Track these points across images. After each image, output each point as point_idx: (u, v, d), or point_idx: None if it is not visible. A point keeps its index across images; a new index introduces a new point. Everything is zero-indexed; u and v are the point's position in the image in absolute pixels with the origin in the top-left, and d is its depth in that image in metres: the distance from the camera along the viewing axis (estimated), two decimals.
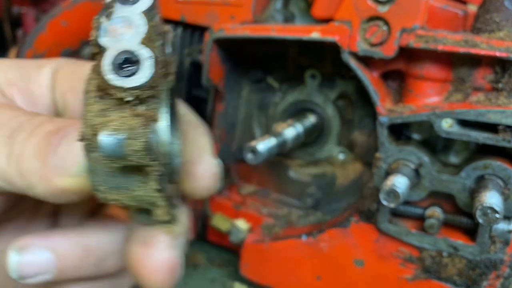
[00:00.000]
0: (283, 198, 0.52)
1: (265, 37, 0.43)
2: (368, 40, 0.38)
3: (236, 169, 0.54)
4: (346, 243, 0.42)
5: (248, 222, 0.49)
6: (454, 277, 0.39)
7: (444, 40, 0.35)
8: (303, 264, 0.44)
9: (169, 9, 0.52)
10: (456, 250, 0.37)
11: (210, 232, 0.54)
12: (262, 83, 0.51)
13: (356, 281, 0.42)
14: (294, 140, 0.44)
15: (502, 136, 0.34)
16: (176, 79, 0.25)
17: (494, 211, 0.32)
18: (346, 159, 0.48)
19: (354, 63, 0.39)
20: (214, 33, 0.45)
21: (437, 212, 0.38)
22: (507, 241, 0.36)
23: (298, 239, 0.44)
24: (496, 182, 0.35)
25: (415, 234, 0.38)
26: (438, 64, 0.37)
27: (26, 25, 1.11)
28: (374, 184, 0.39)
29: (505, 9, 0.36)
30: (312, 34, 0.40)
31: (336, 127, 0.48)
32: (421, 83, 0.38)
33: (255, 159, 0.40)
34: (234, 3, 0.47)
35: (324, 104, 0.48)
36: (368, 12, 0.38)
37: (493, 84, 0.36)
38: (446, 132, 0.36)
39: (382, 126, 0.38)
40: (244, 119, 0.53)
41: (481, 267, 0.37)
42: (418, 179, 0.38)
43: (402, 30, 0.36)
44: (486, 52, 0.34)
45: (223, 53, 0.47)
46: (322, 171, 0.50)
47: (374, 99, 0.39)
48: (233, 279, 0.49)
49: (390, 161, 0.38)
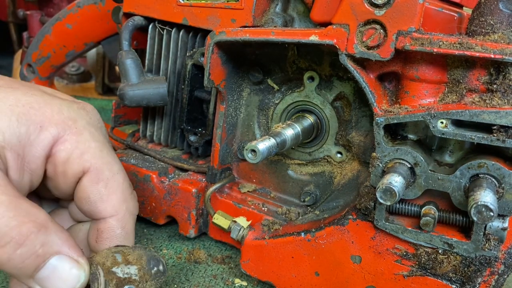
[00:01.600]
0: (283, 196, 0.53)
1: (265, 40, 0.43)
2: (365, 43, 0.39)
3: (237, 168, 0.55)
4: (344, 240, 0.43)
5: (248, 219, 0.50)
6: (449, 274, 0.39)
7: (439, 42, 0.35)
8: (302, 261, 0.45)
9: (171, 12, 0.53)
10: (451, 247, 0.38)
11: (211, 229, 0.54)
12: (262, 84, 0.52)
13: (353, 277, 0.43)
14: (293, 140, 0.45)
15: (496, 136, 0.34)
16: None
17: (489, 209, 0.32)
18: (344, 158, 0.49)
19: (352, 65, 0.40)
20: (215, 36, 0.46)
21: (433, 210, 0.38)
22: (502, 239, 0.37)
23: (297, 236, 0.45)
24: (491, 181, 0.35)
25: (411, 232, 0.39)
26: (433, 66, 0.38)
27: (32, 28, 1.13)
28: (371, 183, 0.40)
29: (500, 11, 0.36)
30: (310, 37, 0.41)
31: (334, 127, 0.49)
32: (416, 85, 0.39)
33: (255, 158, 0.41)
34: (235, 7, 0.48)
35: (322, 105, 0.49)
36: (365, 15, 0.38)
37: (488, 85, 0.36)
38: (441, 132, 0.36)
39: (378, 126, 0.39)
40: (245, 119, 0.54)
41: (476, 264, 0.38)
42: (413, 178, 0.38)
43: (398, 33, 0.37)
44: (480, 54, 0.34)
45: (224, 56, 0.48)
46: (320, 170, 0.51)
47: (371, 100, 0.39)
48: (234, 275, 0.50)
49: (386, 161, 0.39)
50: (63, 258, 0.30)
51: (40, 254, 0.29)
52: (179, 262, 0.52)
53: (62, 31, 0.72)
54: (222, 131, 0.51)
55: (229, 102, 0.51)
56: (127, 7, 0.56)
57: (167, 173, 0.56)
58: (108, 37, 0.70)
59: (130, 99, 0.53)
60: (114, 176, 0.35)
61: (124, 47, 0.55)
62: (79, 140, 0.34)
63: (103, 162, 0.35)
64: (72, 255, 0.30)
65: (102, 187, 0.34)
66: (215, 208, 0.52)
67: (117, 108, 0.64)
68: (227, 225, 0.49)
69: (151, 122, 0.61)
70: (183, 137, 0.59)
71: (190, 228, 0.54)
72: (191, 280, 0.48)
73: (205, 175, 0.54)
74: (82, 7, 0.69)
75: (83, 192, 0.34)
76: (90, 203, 0.35)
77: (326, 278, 0.44)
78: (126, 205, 0.36)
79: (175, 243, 0.55)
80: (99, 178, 0.34)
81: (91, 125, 0.35)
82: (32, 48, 0.76)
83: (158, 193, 0.54)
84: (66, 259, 0.30)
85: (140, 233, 0.56)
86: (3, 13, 1.25)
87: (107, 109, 1.06)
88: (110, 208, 0.35)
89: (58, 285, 0.30)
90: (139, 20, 0.56)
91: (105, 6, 0.66)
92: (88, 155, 0.34)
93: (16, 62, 1.18)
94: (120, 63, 0.54)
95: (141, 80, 0.54)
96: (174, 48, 0.56)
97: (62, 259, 0.30)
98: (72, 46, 0.74)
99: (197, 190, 0.53)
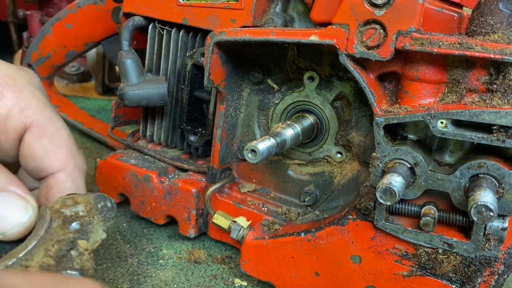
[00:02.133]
0: (283, 196, 0.53)
1: (265, 40, 0.43)
2: (365, 43, 0.39)
3: (237, 168, 0.55)
4: (344, 240, 0.43)
5: (248, 219, 0.50)
6: (449, 274, 0.39)
7: (439, 42, 0.35)
8: (302, 261, 0.45)
9: (171, 12, 0.53)
10: (451, 247, 0.38)
11: (211, 229, 0.54)
12: (262, 84, 0.52)
13: (353, 277, 0.43)
14: (293, 140, 0.45)
15: (496, 136, 0.34)
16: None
17: (489, 209, 0.32)
18: (344, 158, 0.49)
19: (351, 65, 0.40)
20: (215, 36, 0.46)
21: (433, 210, 0.38)
22: (502, 239, 0.37)
23: (297, 236, 0.45)
24: (491, 181, 0.35)
25: (411, 232, 0.39)
26: (433, 66, 0.38)
27: (32, 28, 1.13)
28: (371, 183, 0.40)
29: (500, 11, 0.36)
30: (310, 37, 0.41)
31: (334, 127, 0.49)
32: (416, 85, 0.39)
33: (255, 158, 0.41)
34: (235, 7, 0.48)
35: (322, 105, 0.49)
36: (365, 15, 0.38)
37: (488, 85, 0.36)
38: (441, 132, 0.36)
39: (378, 126, 0.39)
40: (245, 119, 0.54)
41: (475, 264, 0.38)
42: (413, 178, 0.38)
43: (398, 33, 0.37)
44: (480, 54, 0.34)
45: (224, 56, 0.48)
46: (320, 170, 0.51)
47: (370, 100, 0.39)
48: (234, 275, 0.50)
49: (386, 161, 0.39)
50: (9, 195, 0.30)
51: None
52: (179, 262, 0.52)
53: (62, 31, 0.72)
54: (222, 131, 0.51)
55: (229, 102, 0.51)
56: (127, 7, 0.56)
57: (167, 173, 0.56)
58: (108, 37, 0.70)
59: (130, 99, 0.53)
60: (58, 131, 0.35)
61: (124, 47, 0.55)
62: (19, 97, 0.33)
63: (46, 118, 0.34)
64: (19, 193, 0.31)
65: (46, 142, 0.34)
66: (215, 208, 0.52)
67: (117, 108, 0.64)
68: (227, 225, 0.49)
69: (151, 122, 0.61)
70: (183, 137, 0.59)
71: (190, 228, 0.54)
72: (191, 280, 0.49)
73: (205, 175, 0.54)
74: (82, 7, 0.69)
75: (27, 149, 0.34)
76: (35, 160, 0.34)
77: (326, 278, 0.44)
78: (73, 160, 0.35)
79: (175, 243, 0.55)
80: (43, 134, 0.34)
81: (31, 84, 0.35)
82: (32, 48, 0.76)
83: (158, 193, 0.54)
84: (13, 195, 0.30)
85: (140, 233, 0.56)
86: (3, 13, 1.25)
87: (107, 109, 1.06)
88: (57, 162, 0.34)
89: (5, 220, 0.30)
90: (139, 20, 0.56)
91: (105, 6, 0.66)
92: (30, 111, 0.34)
93: (16, 62, 1.18)
94: (120, 63, 0.54)
95: (141, 80, 0.54)
96: (174, 48, 0.56)
97: (9, 196, 0.30)
98: (72, 46, 0.74)
99: (197, 190, 0.53)
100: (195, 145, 0.56)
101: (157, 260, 0.51)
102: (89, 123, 0.85)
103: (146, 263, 0.50)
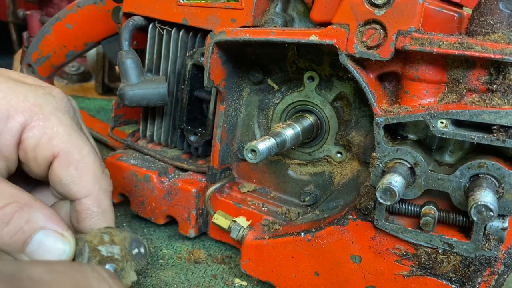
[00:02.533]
0: (283, 196, 0.53)
1: (265, 40, 0.43)
2: (365, 42, 0.39)
3: (237, 168, 0.55)
4: (344, 240, 0.43)
5: (248, 219, 0.50)
6: (449, 274, 0.39)
7: (439, 42, 0.35)
8: (302, 261, 0.45)
9: (171, 12, 0.53)
10: (451, 247, 0.38)
11: (211, 229, 0.54)
12: (262, 84, 0.52)
13: (353, 277, 0.43)
14: (293, 140, 0.45)
15: (496, 136, 0.34)
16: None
17: (489, 209, 0.32)
18: (344, 158, 0.49)
19: (351, 65, 0.40)
20: (215, 36, 0.46)
21: (433, 210, 0.38)
22: (502, 239, 0.37)
23: (297, 236, 0.45)
24: (491, 181, 0.35)
25: (411, 232, 0.39)
26: (433, 66, 0.38)
27: (32, 28, 1.13)
28: (371, 183, 0.40)
29: (500, 11, 0.36)
30: (310, 37, 0.41)
31: (334, 127, 0.49)
32: (416, 85, 0.39)
33: (255, 158, 0.41)
34: (235, 7, 0.48)
35: (322, 105, 0.49)
36: (365, 15, 0.38)
37: (488, 85, 0.36)
38: (441, 132, 0.36)
39: (378, 126, 0.39)
40: (245, 119, 0.54)
41: (476, 264, 0.38)
42: (413, 178, 0.38)
43: (398, 33, 0.37)
44: (480, 54, 0.34)
45: (224, 56, 0.48)
46: (320, 170, 0.51)
47: (370, 100, 0.39)
48: (234, 275, 0.50)
49: (386, 161, 0.39)
50: (48, 232, 0.32)
51: (26, 230, 0.31)
52: (179, 262, 0.52)
53: (62, 31, 0.72)
54: (222, 131, 0.51)
55: (229, 102, 0.51)
56: (127, 7, 0.56)
57: (167, 173, 0.56)
58: (108, 37, 0.70)
59: (130, 99, 0.53)
60: (84, 158, 0.36)
61: (124, 47, 0.55)
62: (46, 125, 0.35)
63: (72, 145, 0.35)
64: (57, 229, 0.32)
65: (72, 170, 0.35)
66: (215, 208, 0.52)
67: (117, 108, 0.64)
68: (227, 225, 0.49)
69: (151, 122, 0.61)
70: (183, 137, 0.59)
71: (190, 228, 0.54)
72: (191, 280, 0.49)
73: (205, 175, 0.54)
74: (82, 7, 0.69)
75: (55, 176, 0.36)
76: (63, 186, 0.36)
77: (326, 278, 0.44)
78: (99, 185, 0.37)
79: (175, 243, 0.55)
80: (69, 162, 0.35)
81: (58, 110, 0.36)
82: (32, 48, 0.76)
83: (158, 193, 0.54)
84: (51, 233, 0.32)
85: (140, 233, 0.56)
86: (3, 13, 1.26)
87: (107, 109, 1.06)
88: (83, 189, 0.36)
89: (46, 257, 0.32)
90: (139, 20, 0.56)
91: (105, 6, 0.66)
92: (57, 140, 0.35)
93: (16, 62, 1.18)
94: (120, 63, 0.54)
95: (141, 80, 0.54)
96: (174, 48, 0.56)
97: (47, 233, 0.32)
98: (72, 46, 0.74)
99: (197, 190, 0.53)
100: (195, 145, 0.56)
101: (157, 260, 0.51)
102: (89, 123, 0.85)
103: (146, 263, 0.50)
